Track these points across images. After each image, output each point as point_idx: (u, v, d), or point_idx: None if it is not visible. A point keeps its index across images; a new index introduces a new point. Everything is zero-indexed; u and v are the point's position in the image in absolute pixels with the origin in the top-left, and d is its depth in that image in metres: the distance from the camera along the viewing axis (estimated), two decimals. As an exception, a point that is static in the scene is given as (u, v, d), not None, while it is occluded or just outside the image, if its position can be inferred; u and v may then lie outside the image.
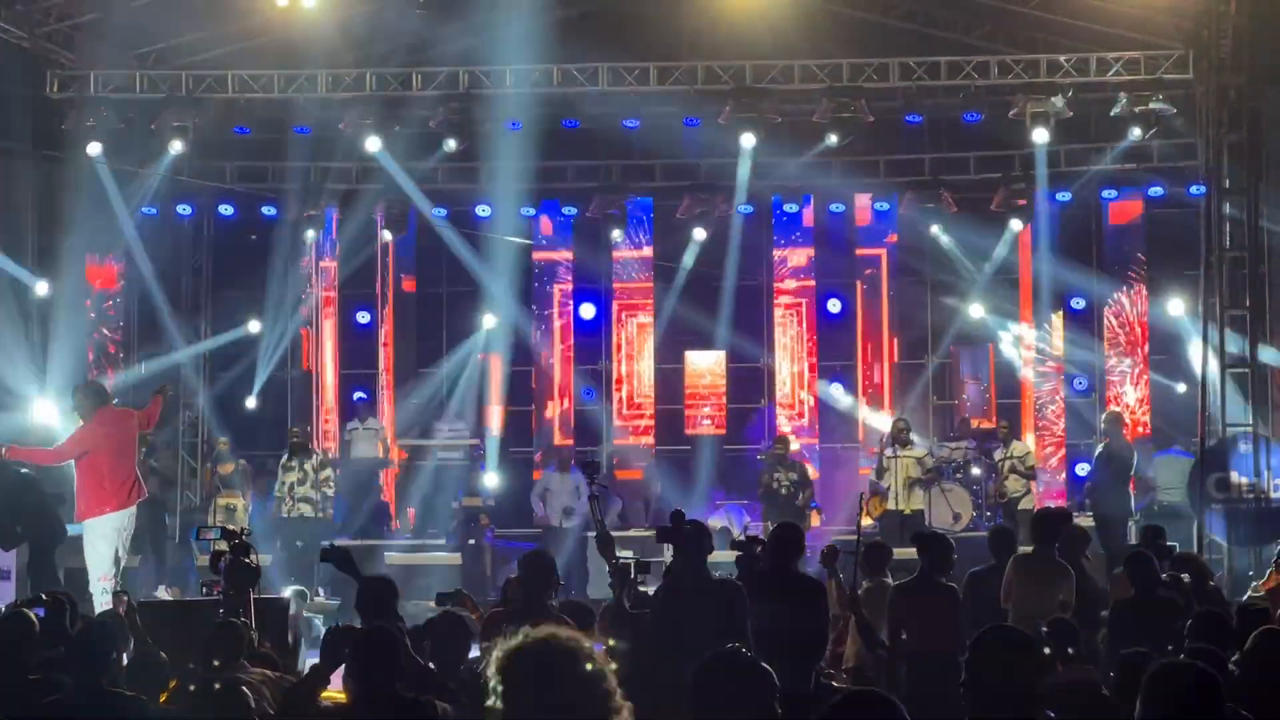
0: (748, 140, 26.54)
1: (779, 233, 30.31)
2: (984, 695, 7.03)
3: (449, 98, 26.49)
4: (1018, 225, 28.36)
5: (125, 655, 11.46)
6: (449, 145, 26.72)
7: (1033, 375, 29.48)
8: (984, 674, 7.06)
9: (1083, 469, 27.96)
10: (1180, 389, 27.58)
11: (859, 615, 14.05)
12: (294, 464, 25.33)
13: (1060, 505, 23.02)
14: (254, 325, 28.71)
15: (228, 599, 13.58)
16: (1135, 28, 25.63)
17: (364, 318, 30.31)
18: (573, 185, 29.33)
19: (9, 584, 22.09)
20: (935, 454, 26.42)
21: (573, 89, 26.65)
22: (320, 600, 22.74)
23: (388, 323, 30.28)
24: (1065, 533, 15.22)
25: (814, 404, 29.96)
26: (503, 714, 4.83)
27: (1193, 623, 10.97)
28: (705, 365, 30.47)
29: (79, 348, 27.49)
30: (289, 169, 29.04)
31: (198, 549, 23.71)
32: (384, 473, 28.58)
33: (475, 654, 11.09)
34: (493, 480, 27.53)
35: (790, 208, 29.77)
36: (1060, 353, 29.33)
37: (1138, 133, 25.97)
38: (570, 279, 30.72)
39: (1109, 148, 27.23)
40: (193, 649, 11.45)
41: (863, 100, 26.15)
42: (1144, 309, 28.96)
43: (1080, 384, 29.31)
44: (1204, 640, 9.99)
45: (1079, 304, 29.21)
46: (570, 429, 30.19)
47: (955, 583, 14.15)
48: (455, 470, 27.32)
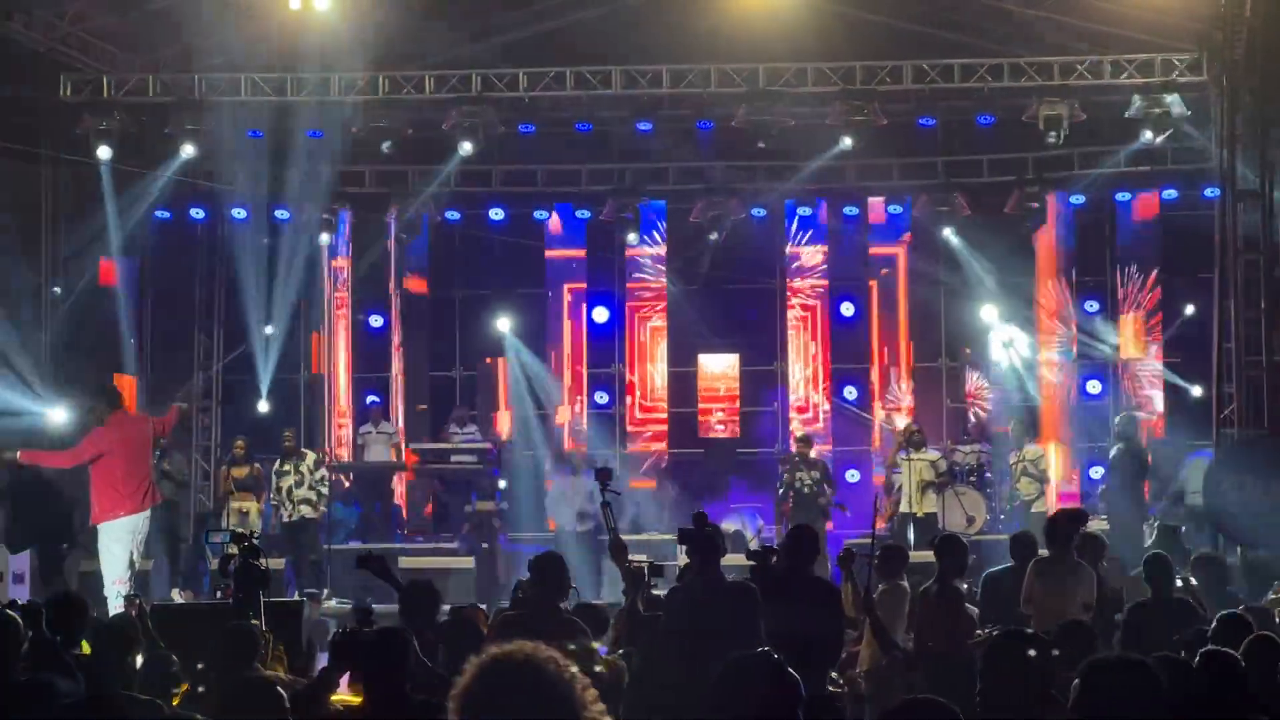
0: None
1: (792, 235, 30.26)
2: (998, 698, 7.00)
3: (462, 100, 26.46)
4: (1031, 228, 28.34)
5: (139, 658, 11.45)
6: (462, 148, 26.68)
7: (1054, 377, 29.41)
8: (998, 677, 7.03)
9: (1097, 472, 27.91)
10: (1196, 391, 27.50)
11: (874, 618, 14.01)
12: (288, 468, 25.28)
13: (1074, 506, 22.91)
14: (268, 329, 28.71)
15: (239, 602, 13.57)
16: (1149, 30, 25.58)
17: (376, 321, 30.31)
18: (586, 188, 29.32)
19: (23, 587, 22.12)
20: (949, 457, 26.38)
21: (586, 91, 26.62)
22: (332, 604, 22.73)
23: (400, 326, 30.25)
24: (1079, 533, 15.16)
25: (827, 407, 29.91)
26: None
27: (1216, 626, 10.90)
28: (718, 368, 30.44)
29: (93, 351, 27.51)
30: (302, 172, 29.07)
31: (210, 552, 23.70)
32: (396, 476, 28.56)
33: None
34: (505, 484, 27.50)
35: (804, 211, 29.75)
36: (1075, 355, 29.27)
37: (1151, 135, 25.92)
38: (583, 282, 30.68)
39: (1123, 150, 27.19)
40: (206, 652, 11.44)
41: (876, 103, 26.12)
42: (1159, 311, 28.91)
43: (1095, 386, 29.25)
44: (1227, 644, 9.91)
45: (1093, 306, 29.15)
46: (582, 432, 30.15)
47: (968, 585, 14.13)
48: (468, 474, 27.30)
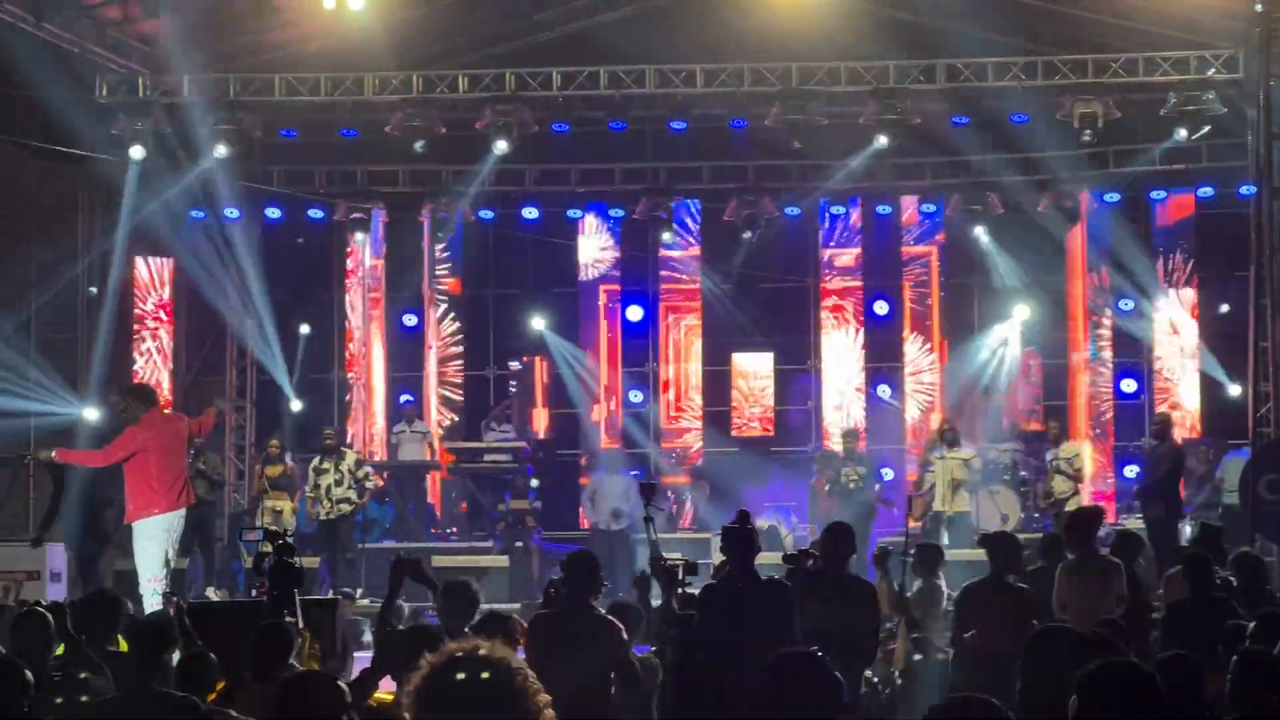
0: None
1: (826, 234, 30.23)
2: (1038, 695, 6.99)
3: (496, 99, 26.49)
4: (1065, 226, 28.31)
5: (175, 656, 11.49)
6: (497, 147, 26.69)
7: (1086, 375, 29.36)
8: (1038, 674, 7.02)
9: (1132, 470, 27.85)
10: (1232, 390, 27.42)
11: (908, 616, 13.99)
12: (327, 465, 25.23)
13: (1091, 505, 22.84)
14: (303, 328, 28.78)
15: (273, 600, 13.59)
16: (1184, 28, 25.53)
17: (410, 320, 30.35)
18: (620, 187, 29.33)
19: (60, 585, 22.21)
20: (983, 456, 26.32)
21: (620, 91, 26.63)
22: (365, 603, 22.74)
23: (434, 325, 30.29)
24: (1100, 530, 15.12)
25: (861, 405, 29.88)
26: None
27: (1256, 624, 10.84)
28: (752, 367, 30.42)
29: (128, 350, 27.62)
30: (336, 172, 29.17)
31: (244, 550, 23.76)
32: (430, 475, 28.60)
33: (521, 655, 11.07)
34: (539, 483, 27.51)
35: (837, 210, 29.72)
36: (1109, 354, 29.21)
37: (1185, 133, 25.84)
38: (617, 281, 30.68)
39: (1158, 148, 27.12)
40: (241, 650, 11.46)
41: (909, 102, 26.10)
42: (1194, 310, 28.83)
43: (1129, 385, 29.18)
44: (1266, 642, 9.86)
45: (1128, 305, 29.07)
46: (617, 431, 30.16)
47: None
48: (502, 473, 27.33)
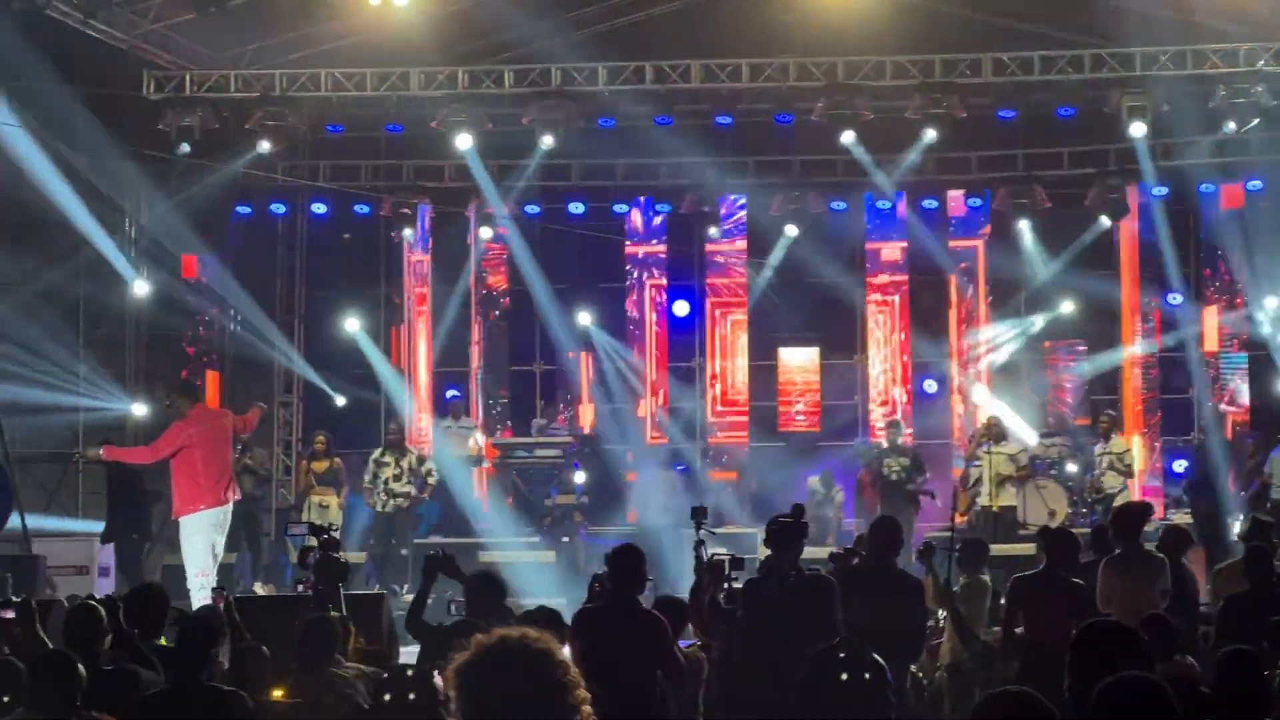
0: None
1: (872, 228, 30.17)
2: (1084, 691, 6.94)
3: (541, 94, 26.51)
4: (1110, 221, 28.23)
5: (223, 650, 11.53)
6: (543, 142, 26.72)
7: (1136, 370, 29.25)
8: (1086, 669, 6.98)
9: (1180, 465, 27.74)
10: (1280, 386, 27.33)
11: (953, 611, 13.96)
12: (389, 459, 25.33)
13: (1140, 500, 22.74)
14: (350, 324, 28.85)
15: (318, 595, 13.63)
16: (1233, 19, 25.41)
17: (458, 315, 30.37)
18: (665, 182, 29.33)
19: (109, 580, 22.34)
20: (1030, 450, 26.25)
21: (665, 85, 26.64)
22: (403, 597, 22.78)
23: (480, 320, 30.31)
24: (1147, 525, 15.05)
25: (907, 400, 29.82)
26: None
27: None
28: (799, 362, 30.38)
29: (174, 345, 27.72)
30: (382, 167, 29.25)
31: (290, 544, 23.84)
32: (476, 471, 28.63)
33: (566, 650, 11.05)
34: (585, 478, 27.50)
35: (883, 204, 29.65)
36: (1158, 348, 29.10)
37: (1234, 125, 25.73)
38: (663, 276, 30.68)
39: (1206, 141, 27.00)
40: (288, 644, 11.51)
41: (955, 96, 26.05)
42: (1243, 303, 28.70)
43: (1177, 379, 29.06)
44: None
45: (1176, 299, 28.96)
46: (663, 426, 30.14)
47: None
48: (548, 468, 27.34)
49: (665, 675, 10.98)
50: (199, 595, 17.22)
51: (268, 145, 26.53)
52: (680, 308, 30.43)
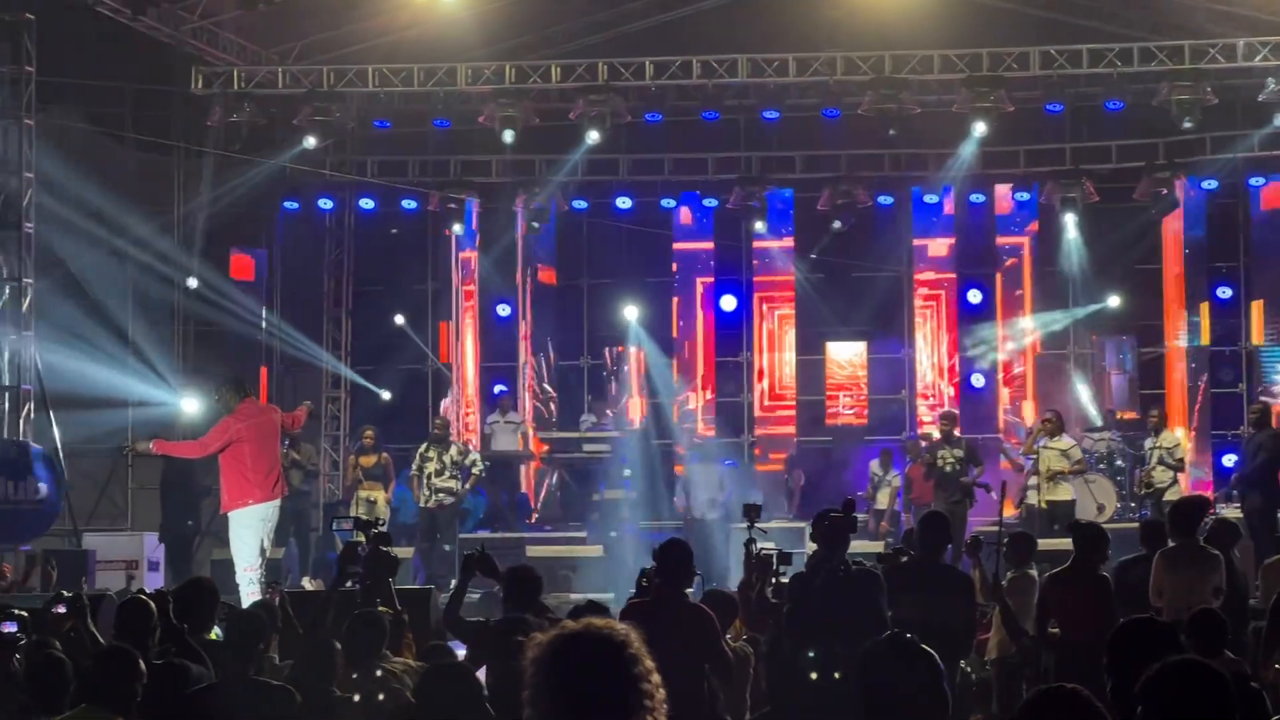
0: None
1: (919, 223, 30.12)
2: (1124, 688, 6.92)
3: (588, 90, 26.52)
4: (1158, 214, 28.14)
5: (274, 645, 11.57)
6: (589, 137, 26.75)
7: (1183, 364, 29.15)
8: (1123, 667, 6.96)
9: (1229, 459, 27.62)
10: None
11: (1003, 605, 13.92)
12: (433, 454, 25.34)
13: (1198, 494, 22.64)
14: (398, 318, 28.90)
15: (366, 590, 13.63)
16: (1282, 12, 25.32)
17: (504, 310, 30.42)
18: (713, 177, 29.34)
19: (158, 574, 22.45)
20: (1081, 446, 26.14)
21: (712, 80, 26.63)
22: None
23: (528, 315, 30.36)
24: (1204, 521, 15.01)
25: (954, 394, 29.77)
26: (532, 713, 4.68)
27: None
28: (846, 356, 30.35)
29: (223, 340, 27.82)
30: (429, 162, 29.31)
31: (338, 540, 23.89)
32: (524, 466, 28.67)
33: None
34: (632, 472, 27.51)
35: (930, 198, 29.60)
36: (1207, 341, 28.99)
37: (1284, 118, 25.66)
38: (711, 271, 30.68)
39: (1256, 134, 26.88)
40: (336, 639, 11.53)
41: (1003, 89, 25.96)
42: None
43: (1227, 373, 28.93)
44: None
45: (1225, 293, 28.83)
46: (712, 420, 30.15)
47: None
48: (596, 462, 27.38)
49: (713, 670, 10.99)
50: (248, 590, 17.27)
51: (313, 141, 26.61)
52: (728, 302, 30.42)
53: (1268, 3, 25.16)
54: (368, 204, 29.40)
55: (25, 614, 11.80)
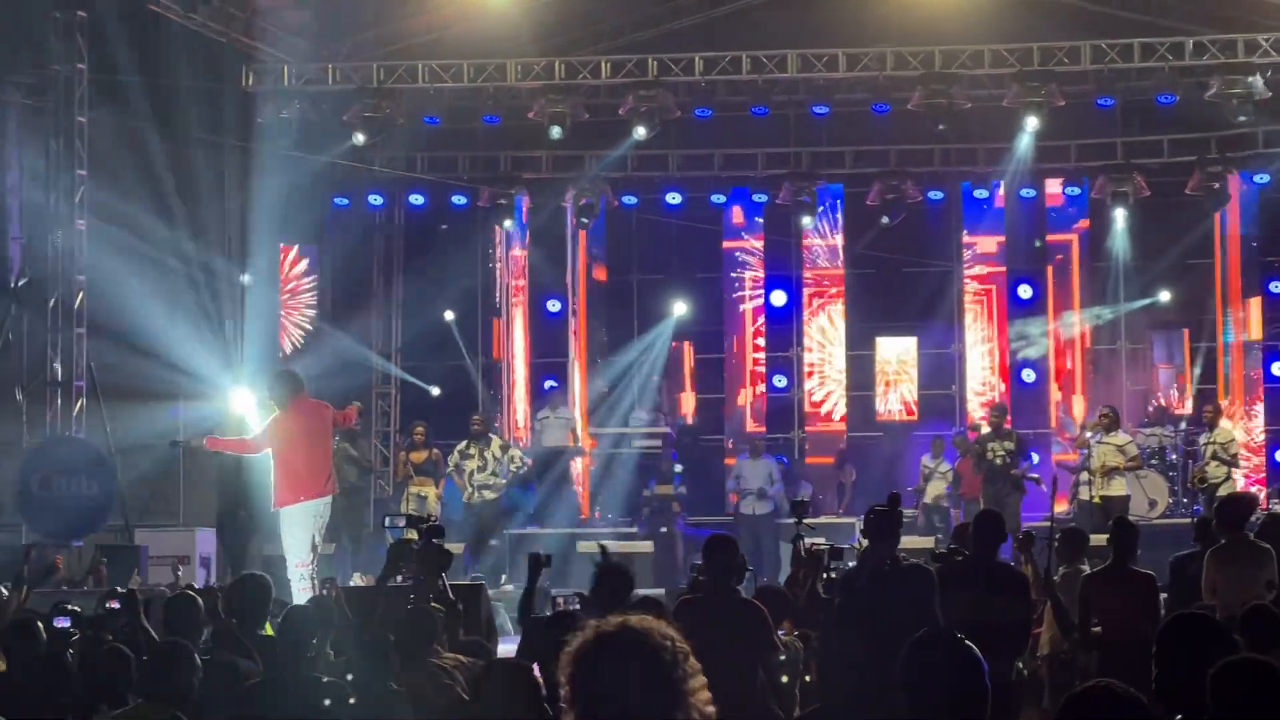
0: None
1: (969, 218, 30.06)
2: (1174, 683, 6.90)
3: (638, 85, 26.50)
4: (1211, 209, 28.00)
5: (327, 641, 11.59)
6: (638, 133, 26.73)
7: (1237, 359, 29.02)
8: (1172, 662, 6.93)
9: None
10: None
11: (1055, 601, 13.87)
12: (473, 451, 25.35)
13: (1243, 490, 22.55)
14: (448, 314, 28.94)
15: (419, 585, 13.65)
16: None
17: (554, 306, 30.44)
18: (763, 172, 29.31)
19: (208, 570, 22.53)
20: (1135, 441, 26.03)
21: (762, 75, 26.59)
22: (509, 589, 22.85)
23: (579, 311, 30.37)
24: (1252, 516, 14.95)
25: (1004, 389, 29.68)
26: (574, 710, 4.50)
27: None
28: (896, 351, 30.30)
29: (274, 336, 27.89)
30: (479, 158, 29.33)
31: (389, 536, 23.92)
32: (575, 461, 28.68)
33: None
34: (683, 468, 27.50)
35: (980, 193, 29.52)
36: (1260, 336, 28.86)
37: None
38: (761, 266, 30.66)
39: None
40: (388, 634, 11.55)
41: (1053, 84, 25.87)
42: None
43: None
44: None
45: (1278, 287, 28.71)
46: (762, 416, 30.14)
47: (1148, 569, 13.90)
48: (647, 458, 27.38)
49: (765, 666, 10.98)
50: (299, 586, 17.31)
51: (362, 138, 26.64)
52: (778, 297, 30.40)
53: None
54: (417, 200, 29.45)
55: (78, 609, 11.86)
